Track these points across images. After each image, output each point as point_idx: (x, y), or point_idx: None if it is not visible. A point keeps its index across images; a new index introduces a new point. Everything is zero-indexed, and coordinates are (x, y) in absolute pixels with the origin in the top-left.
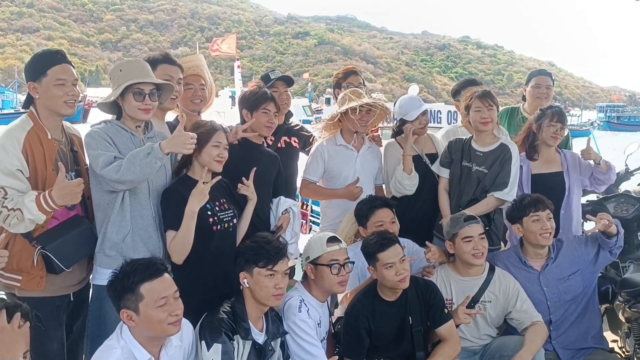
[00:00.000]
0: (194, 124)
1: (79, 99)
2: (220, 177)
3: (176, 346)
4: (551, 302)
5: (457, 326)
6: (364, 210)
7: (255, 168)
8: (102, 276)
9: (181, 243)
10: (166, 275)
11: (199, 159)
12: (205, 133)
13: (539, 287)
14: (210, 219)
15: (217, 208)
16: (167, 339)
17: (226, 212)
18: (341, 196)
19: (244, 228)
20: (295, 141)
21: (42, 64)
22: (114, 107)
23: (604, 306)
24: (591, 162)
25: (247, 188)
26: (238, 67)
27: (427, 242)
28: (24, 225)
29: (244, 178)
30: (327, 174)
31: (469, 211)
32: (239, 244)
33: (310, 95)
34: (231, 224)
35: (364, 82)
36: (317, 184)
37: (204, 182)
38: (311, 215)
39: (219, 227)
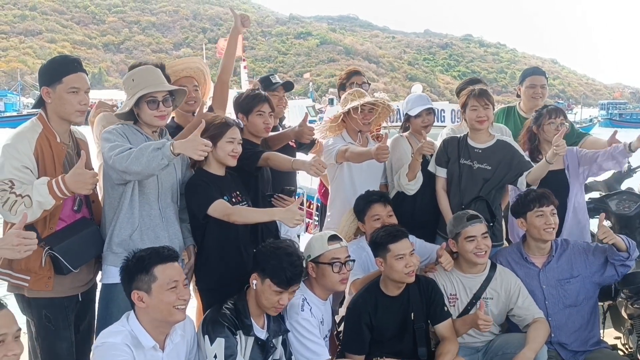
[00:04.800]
0: (209, 119)
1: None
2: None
3: (180, 335)
4: (549, 302)
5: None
6: (361, 205)
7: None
8: (110, 275)
9: (240, 217)
10: (176, 263)
11: (214, 154)
12: (219, 128)
13: (538, 284)
14: None
15: (233, 200)
16: (172, 328)
17: (240, 204)
18: (373, 155)
19: None
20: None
21: (58, 71)
22: (130, 114)
23: (606, 303)
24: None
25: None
26: (244, 67)
27: (437, 251)
28: (31, 211)
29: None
30: (339, 167)
31: (530, 177)
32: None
33: (312, 95)
34: None
35: (367, 81)
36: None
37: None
38: (316, 214)
39: None
